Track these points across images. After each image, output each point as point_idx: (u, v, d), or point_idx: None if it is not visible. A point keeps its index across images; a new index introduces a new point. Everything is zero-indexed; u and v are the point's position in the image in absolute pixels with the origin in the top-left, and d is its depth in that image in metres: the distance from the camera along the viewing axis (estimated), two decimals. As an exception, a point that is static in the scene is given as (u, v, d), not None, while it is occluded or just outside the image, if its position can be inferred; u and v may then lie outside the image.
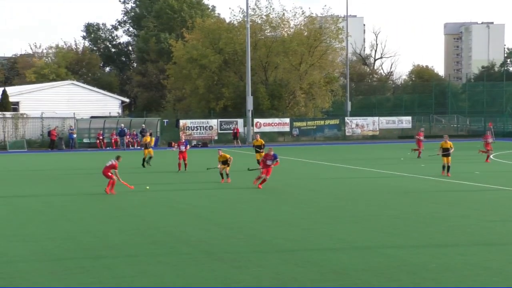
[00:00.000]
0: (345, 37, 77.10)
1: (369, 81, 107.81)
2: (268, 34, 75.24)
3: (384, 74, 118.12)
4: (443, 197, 25.41)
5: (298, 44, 71.48)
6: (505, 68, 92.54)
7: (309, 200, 24.79)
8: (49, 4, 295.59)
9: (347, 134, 69.72)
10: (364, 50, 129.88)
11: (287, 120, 67.95)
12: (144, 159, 38.55)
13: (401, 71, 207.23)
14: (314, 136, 68.29)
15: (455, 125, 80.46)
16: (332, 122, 70.93)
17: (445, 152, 31.82)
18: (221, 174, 30.46)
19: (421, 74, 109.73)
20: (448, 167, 31.62)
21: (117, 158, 26.96)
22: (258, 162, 34.54)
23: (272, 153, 28.00)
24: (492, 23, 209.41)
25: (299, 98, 73.36)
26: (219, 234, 18.28)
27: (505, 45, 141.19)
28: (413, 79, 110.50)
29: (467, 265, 14.65)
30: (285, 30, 75.74)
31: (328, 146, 60.24)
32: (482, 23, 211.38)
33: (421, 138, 45.21)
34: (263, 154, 34.37)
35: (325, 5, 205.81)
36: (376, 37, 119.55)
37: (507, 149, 51.71)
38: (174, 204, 24.08)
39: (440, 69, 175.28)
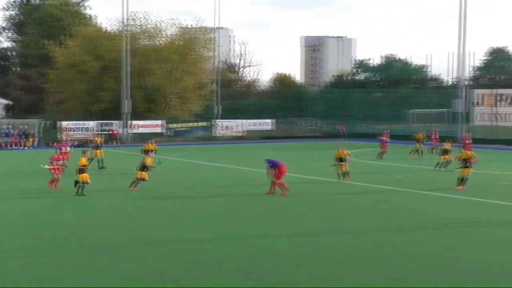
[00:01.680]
0: (215, 47, 77.77)
1: (237, 87, 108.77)
2: (145, 42, 74.81)
3: (249, 81, 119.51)
4: (313, 194, 26.05)
5: (172, 52, 71.57)
6: (354, 77, 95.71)
7: (184, 195, 24.85)
8: None
9: (216, 135, 70.14)
10: (232, 59, 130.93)
11: (162, 122, 67.71)
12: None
13: (265, 79, 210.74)
14: (187, 137, 68.33)
15: (312, 127, 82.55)
16: (203, 124, 71.23)
17: (342, 161, 29.63)
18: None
19: (282, 82, 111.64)
20: (347, 173, 29.86)
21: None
22: (144, 167, 33.34)
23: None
24: (343, 37, 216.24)
25: (173, 102, 73.50)
26: (99, 228, 18.09)
27: (355, 56, 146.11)
28: (275, 85, 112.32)
29: (330, 252, 15.21)
30: (161, 39, 75.57)
31: (199, 146, 60.44)
32: (335, 36, 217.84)
33: (386, 139, 43.61)
34: (149, 160, 33.48)
35: (197, 18, 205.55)
36: (243, 47, 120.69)
37: (357, 148, 53.55)
38: (55, 199, 23.50)
39: (299, 77, 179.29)
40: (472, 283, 12.56)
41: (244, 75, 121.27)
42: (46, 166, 26.68)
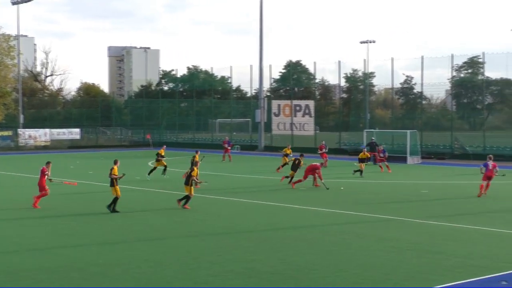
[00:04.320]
0: (17, 54, 74.38)
1: (41, 96, 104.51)
2: None
3: (55, 90, 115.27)
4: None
5: (-30, 59, 67.50)
6: (161, 87, 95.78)
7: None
8: None
9: (20, 144, 66.89)
10: (35, 67, 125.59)
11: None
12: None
13: (71, 88, 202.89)
14: (-12, 146, 64.49)
15: (119, 136, 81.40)
16: (6, 133, 67.72)
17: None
18: None
19: (89, 91, 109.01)
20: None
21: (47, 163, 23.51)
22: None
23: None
24: (149, 48, 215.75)
25: (-29, 111, 69.26)
26: None
27: (160, 67, 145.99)
28: (82, 95, 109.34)
29: (136, 259, 14.98)
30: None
31: (2, 156, 57.28)
32: (140, 47, 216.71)
33: (324, 150, 42.96)
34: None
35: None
36: (47, 56, 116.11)
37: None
38: None
39: (105, 87, 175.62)
40: (272, 283, 12.99)
41: (49, 84, 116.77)
42: None
